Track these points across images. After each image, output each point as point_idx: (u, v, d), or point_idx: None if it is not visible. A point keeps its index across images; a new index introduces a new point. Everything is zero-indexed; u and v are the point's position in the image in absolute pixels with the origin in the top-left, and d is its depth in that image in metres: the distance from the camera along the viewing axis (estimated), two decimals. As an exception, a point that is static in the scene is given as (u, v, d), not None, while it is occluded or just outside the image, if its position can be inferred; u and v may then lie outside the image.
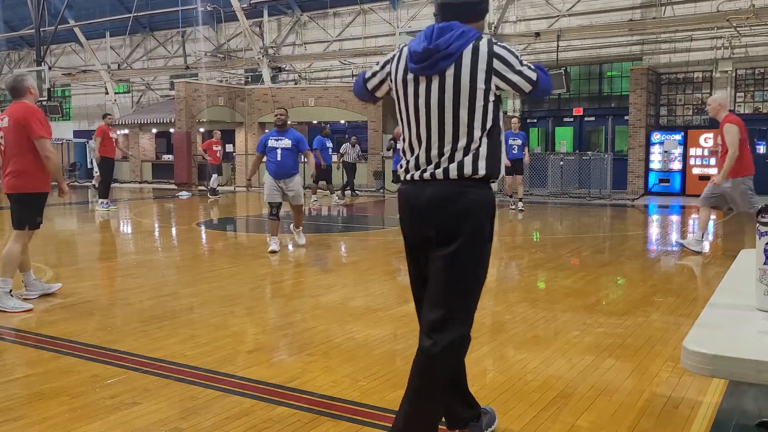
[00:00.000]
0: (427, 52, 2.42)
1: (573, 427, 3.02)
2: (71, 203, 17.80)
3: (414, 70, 2.48)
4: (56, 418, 3.10)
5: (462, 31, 2.42)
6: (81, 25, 26.52)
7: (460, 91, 2.42)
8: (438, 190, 2.48)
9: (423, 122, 2.50)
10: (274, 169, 8.06)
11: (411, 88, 2.51)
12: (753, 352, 2.12)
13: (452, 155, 2.47)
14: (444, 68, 2.41)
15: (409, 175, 2.56)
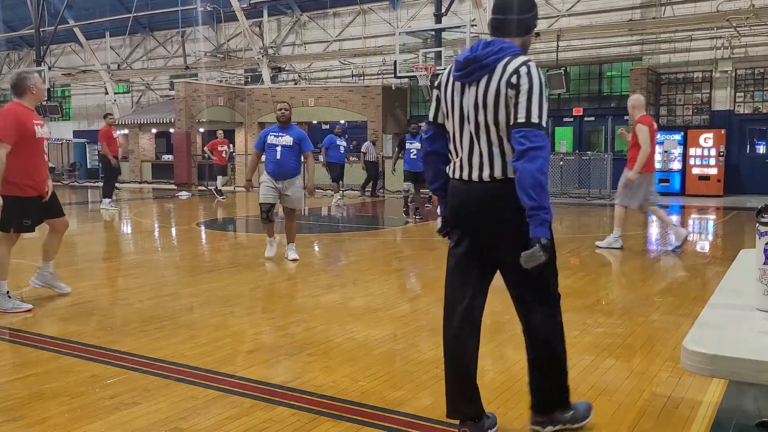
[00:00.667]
0: (467, 61, 2.69)
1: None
2: (71, 203, 17.80)
3: (456, 77, 2.75)
4: (56, 418, 3.10)
5: (501, 47, 2.66)
6: (81, 25, 26.52)
7: (487, 99, 2.64)
8: (478, 190, 2.73)
9: (464, 125, 2.75)
10: (272, 169, 7.33)
11: (456, 94, 2.76)
12: (753, 352, 2.12)
13: (481, 159, 2.71)
14: (479, 77, 2.65)
15: (456, 174, 2.82)
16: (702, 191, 16.89)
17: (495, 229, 2.73)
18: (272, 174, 7.38)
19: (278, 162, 7.32)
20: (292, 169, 7.39)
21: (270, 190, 7.38)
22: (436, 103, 2.91)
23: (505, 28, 2.74)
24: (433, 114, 2.93)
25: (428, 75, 18.24)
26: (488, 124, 2.67)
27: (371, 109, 21.26)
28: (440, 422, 3.05)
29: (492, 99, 2.63)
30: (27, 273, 6.54)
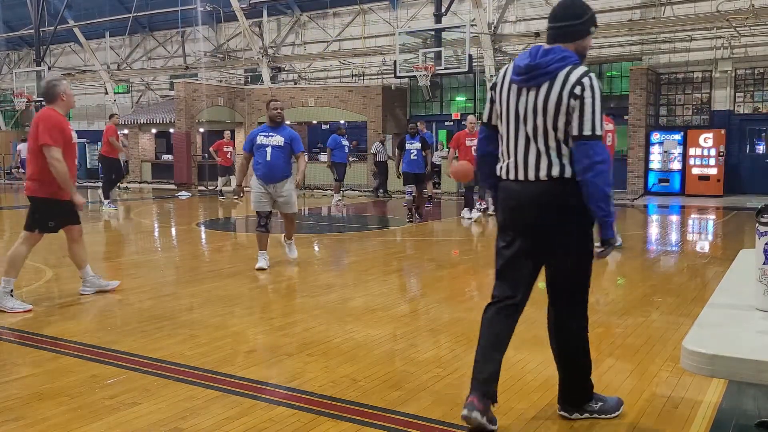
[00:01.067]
0: (529, 68, 2.81)
1: (572, 427, 3.02)
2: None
3: (516, 81, 2.86)
4: (56, 418, 3.10)
5: (563, 55, 2.80)
6: (80, 25, 26.52)
7: (548, 104, 2.78)
8: (533, 190, 2.87)
9: (519, 127, 2.87)
10: (262, 172, 6.85)
11: (513, 96, 2.88)
12: (752, 352, 2.12)
13: (537, 160, 2.84)
14: (540, 83, 2.79)
15: (510, 175, 2.94)
16: (702, 191, 16.89)
17: (547, 227, 2.87)
18: (262, 177, 6.88)
19: (268, 164, 6.84)
20: (283, 171, 6.91)
21: (262, 197, 6.91)
22: (491, 104, 3.02)
23: (562, 36, 2.87)
24: (487, 115, 3.04)
25: (428, 75, 18.24)
26: (547, 127, 2.80)
27: (371, 109, 21.26)
28: (440, 422, 3.06)
29: (553, 105, 2.77)
30: (28, 274, 6.54)
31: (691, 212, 14.05)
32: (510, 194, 2.95)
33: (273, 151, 6.83)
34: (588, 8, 2.91)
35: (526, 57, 2.84)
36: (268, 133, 6.92)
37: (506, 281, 3.06)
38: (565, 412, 3.08)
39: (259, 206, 6.96)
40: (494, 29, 19.71)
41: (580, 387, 3.05)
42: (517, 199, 2.92)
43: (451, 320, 4.95)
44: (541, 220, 2.87)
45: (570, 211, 2.82)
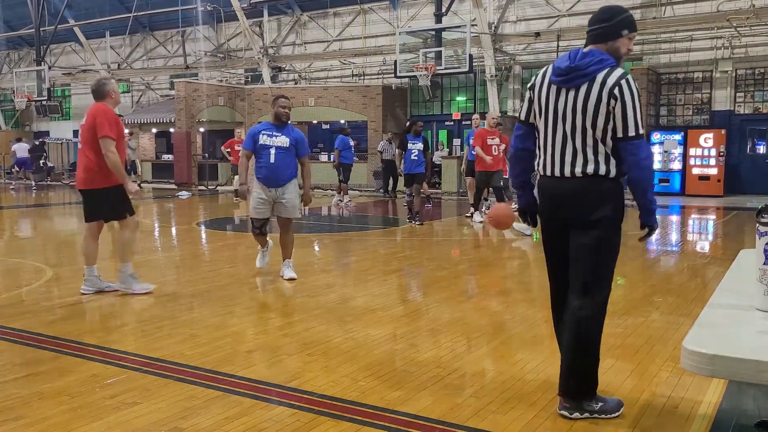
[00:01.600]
0: (569, 69, 2.97)
1: (572, 427, 3.02)
2: (71, 203, 17.80)
3: (556, 82, 3.01)
4: (56, 417, 3.10)
5: (600, 58, 2.95)
6: (81, 25, 26.53)
7: (587, 104, 2.93)
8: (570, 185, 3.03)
9: (557, 125, 3.02)
10: (264, 175, 6.28)
11: (552, 96, 3.03)
12: (752, 352, 2.12)
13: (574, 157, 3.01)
14: (580, 84, 2.94)
15: (547, 171, 3.10)
16: (702, 191, 16.88)
17: (582, 220, 3.02)
18: (264, 181, 6.31)
19: (272, 167, 6.25)
20: (288, 174, 6.33)
21: (262, 203, 6.35)
22: (528, 103, 3.16)
23: (595, 38, 3.02)
24: (525, 113, 3.19)
25: (428, 75, 18.23)
26: (585, 126, 2.96)
27: (371, 109, 21.26)
28: (440, 422, 3.06)
29: (592, 106, 2.92)
30: (28, 273, 6.55)
31: (692, 212, 14.05)
32: (548, 190, 3.11)
33: (277, 153, 6.24)
34: (619, 12, 3.03)
35: (566, 59, 3.00)
36: (273, 132, 6.30)
37: (559, 275, 3.20)
38: (565, 411, 3.08)
39: (258, 212, 6.40)
40: (494, 29, 19.71)
41: (581, 379, 3.07)
42: (554, 194, 3.08)
43: (451, 320, 4.95)
44: (576, 215, 3.03)
45: (603, 207, 2.99)
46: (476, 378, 3.68)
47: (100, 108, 5.53)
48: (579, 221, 3.02)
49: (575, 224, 3.04)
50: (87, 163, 5.54)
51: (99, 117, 5.44)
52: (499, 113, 11.43)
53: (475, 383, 3.59)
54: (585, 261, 3.03)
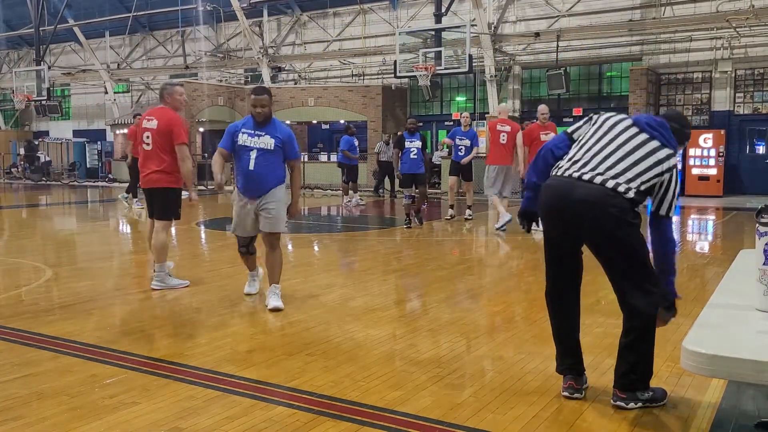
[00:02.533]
0: (649, 120, 3.17)
1: (572, 426, 3.02)
2: (71, 203, 17.80)
3: (633, 121, 3.19)
4: (55, 417, 3.10)
5: (671, 135, 3.17)
6: (80, 25, 26.51)
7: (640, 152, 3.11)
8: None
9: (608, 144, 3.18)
10: (243, 183, 5.20)
11: (617, 126, 3.20)
12: (752, 352, 2.12)
13: None
14: (649, 136, 3.13)
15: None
16: (701, 191, 16.89)
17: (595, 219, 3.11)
18: (243, 190, 5.23)
19: (252, 175, 5.13)
20: (271, 182, 5.18)
21: (244, 216, 5.28)
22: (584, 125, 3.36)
23: (677, 134, 3.24)
24: (573, 129, 3.41)
25: (428, 75, 18.23)
26: (634, 163, 3.09)
27: (371, 109, 21.25)
28: (440, 422, 3.06)
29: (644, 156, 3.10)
30: (28, 273, 6.53)
31: (691, 212, 14.05)
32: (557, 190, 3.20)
33: (259, 157, 5.11)
34: (688, 126, 3.44)
35: None
36: (254, 130, 5.16)
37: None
38: (621, 402, 3.16)
39: (240, 228, 5.34)
40: (494, 29, 19.70)
41: (643, 373, 3.16)
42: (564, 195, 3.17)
43: (451, 320, 4.95)
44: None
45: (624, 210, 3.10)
46: (476, 378, 3.68)
47: (173, 116, 5.89)
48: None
49: (590, 235, 3.17)
50: (160, 164, 5.84)
51: (176, 126, 5.81)
52: (544, 106, 10.19)
53: (475, 383, 3.59)
54: (621, 264, 3.12)
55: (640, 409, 3.15)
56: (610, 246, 3.09)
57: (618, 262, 3.11)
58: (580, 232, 3.15)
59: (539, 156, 3.43)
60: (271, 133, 5.17)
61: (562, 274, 3.33)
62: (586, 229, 3.11)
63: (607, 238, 3.07)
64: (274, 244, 5.30)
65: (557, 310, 3.37)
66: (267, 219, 5.19)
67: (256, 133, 5.16)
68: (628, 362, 3.14)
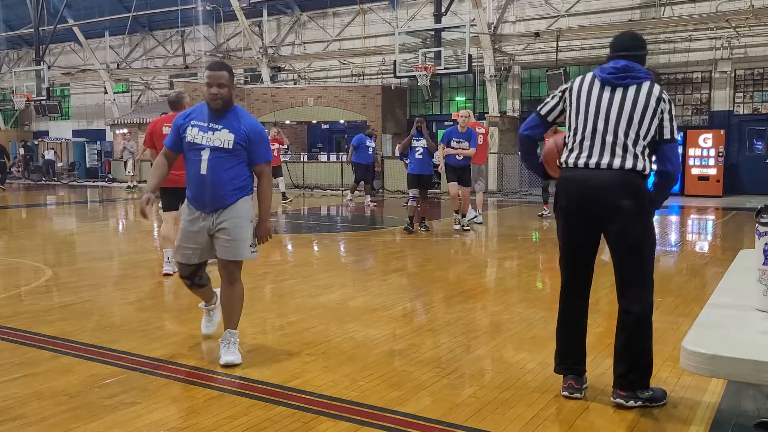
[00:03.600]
0: (625, 68, 3.16)
1: (572, 426, 3.02)
2: (70, 202, 17.80)
3: (606, 79, 3.18)
4: (55, 417, 3.10)
5: (647, 71, 3.22)
6: (80, 25, 26.52)
7: (637, 104, 3.12)
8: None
9: (599, 121, 3.19)
10: (193, 193, 3.90)
11: (595, 94, 3.20)
12: (752, 352, 2.12)
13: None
14: (629, 85, 3.15)
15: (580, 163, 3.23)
16: (701, 191, 16.89)
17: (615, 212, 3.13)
18: (194, 202, 3.92)
19: (203, 182, 3.83)
20: (231, 193, 3.84)
21: (191, 237, 3.91)
22: (558, 102, 3.37)
23: (641, 59, 3.27)
24: (548, 110, 3.42)
25: (428, 75, 18.23)
26: (631, 122, 3.12)
27: (370, 109, 21.25)
28: (439, 422, 3.06)
29: (641, 105, 3.11)
30: (27, 273, 6.52)
31: (691, 212, 14.05)
32: (578, 182, 3.23)
33: (213, 158, 3.82)
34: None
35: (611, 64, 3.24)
36: (207, 123, 3.87)
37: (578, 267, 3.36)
38: (621, 399, 3.17)
39: (184, 254, 3.96)
40: (494, 29, 19.70)
41: (643, 371, 3.18)
42: (586, 186, 3.20)
43: (451, 320, 4.95)
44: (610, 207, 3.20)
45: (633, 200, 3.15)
46: (475, 378, 3.68)
47: None
48: (616, 214, 3.16)
49: (612, 221, 3.17)
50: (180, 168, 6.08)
51: None
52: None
53: (475, 383, 3.59)
54: (630, 259, 3.14)
55: (640, 408, 3.16)
56: (628, 233, 3.11)
57: (633, 251, 3.13)
58: (601, 223, 3.16)
59: (520, 142, 3.58)
60: (231, 126, 3.84)
61: (576, 281, 3.34)
62: (608, 218, 3.12)
63: (627, 224, 3.10)
64: (232, 275, 3.91)
65: (567, 314, 3.37)
66: (224, 243, 3.84)
67: (210, 126, 3.85)
68: (627, 363, 3.15)
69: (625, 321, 3.15)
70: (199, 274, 4.11)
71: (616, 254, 3.18)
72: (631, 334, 3.13)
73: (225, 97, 3.86)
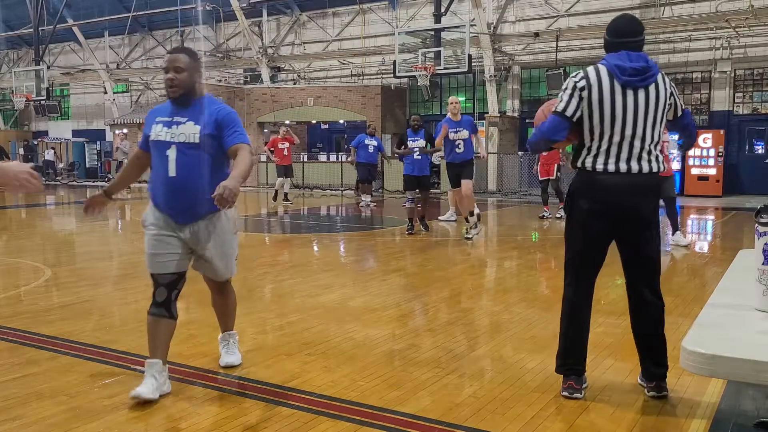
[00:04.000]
0: (645, 68, 3.18)
1: (572, 426, 3.02)
2: (69, 202, 17.79)
3: (629, 82, 3.16)
4: (54, 417, 3.10)
5: (653, 61, 3.27)
6: (80, 25, 26.51)
7: (659, 101, 3.21)
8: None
9: (627, 124, 3.18)
10: (163, 198, 3.35)
11: (619, 97, 3.17)
12: (751, 352, 2.12)
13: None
14: (650, 84, 3.19)
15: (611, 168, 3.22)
16: (701, 191, 16.89)
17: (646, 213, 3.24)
18: (163, 206, 3.36)
19: (173, 186, 3.30)
20: (205, 201, 3.15)
21: (165, 242, 3.33)
22: (579, 101, 3.24)
23: (640, 44, 3.36)
24: (573, 110, 3.26)
25: (427, 75, 18.23)
26: (656, 121, 3.21)
27: (370, 109, 21.26)
28: (439, 422, 3.05)
29: (663, 100, 3.22)
30: (27, 273, 6.51)
31: (691, 212, 14.05)
32: (614, 187, 3.25)
33: (181, 155, 3.30)
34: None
35: (627, 60, 3.23)
36: (171, 117, 3.43)
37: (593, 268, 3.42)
38: (666, 392, 3.31)
39: (156, 263, 3.33)
40: (494, 29, 19.70)
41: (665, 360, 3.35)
42: (622, 192, 3.23)
43: (450, 320, 4.95)
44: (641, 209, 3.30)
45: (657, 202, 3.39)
46: (475, 378, 3.68)
47: None
48: (648, 216, 3.26)
49: (641, 223, 3.25)
50: None
51: None
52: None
53: (474, 383, 3.59)
54: (654, 257, 3.28)
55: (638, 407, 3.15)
56: (654, 231, 3.25)
57: (658, 248, 3.29)
58: (626, 225, 3.23)
59: (536, 143, 3.42)
60: (198, 117, 3.33)
61: (587, 285, 3.38)
62: (638, 219, 3.22)
63: (649, 225, 3.24)
64: (224, 288, 3.71)
65: (574, 318, 3.36)
66: (212, 267, 3.48)
67: (173, 119, 3.36)
68: (663, 353, 3.32)
69: (659, 311, 3.31)
70: (174, 295, 3.35)
71: (643, 253, 3.26)
72: (662, 324, 3.31)
73: (183, 84, 3.33)
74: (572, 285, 3.38)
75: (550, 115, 3.27)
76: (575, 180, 3.34)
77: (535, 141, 3.40)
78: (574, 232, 3.35)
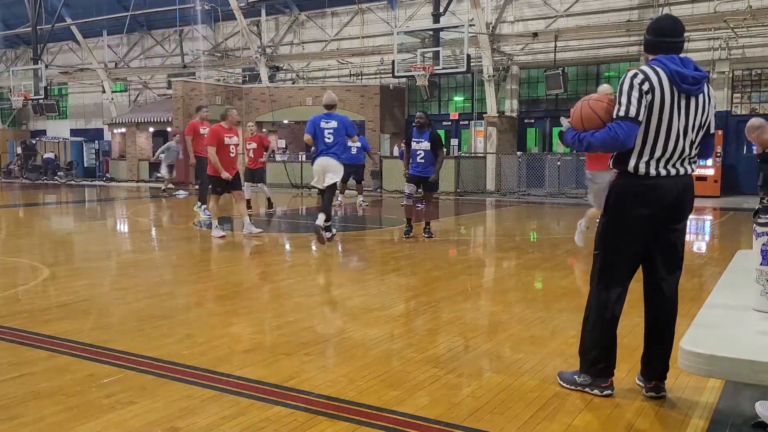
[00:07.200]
0: (702, 77, 3.15)
1: (570, 426, 3.02)
2: (68, 202, 17.77)
3: (690, 91, 3.13)
4: (52, 417, 3.09)
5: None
6: (78, 24, 26.49)
7: (707, 108, 3.23)
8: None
9: (681, 130, 3.17)
10: None
11: (677, 102, 3.13)
12: (749, 353, 2.12)
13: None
14: (701, 92, 3.19)
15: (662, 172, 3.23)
16: (699, 192, 16.68)
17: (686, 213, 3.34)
18: None
19: None
20: None
21: None
22: (649, 104, 3.13)
23: (682, 47, 3.25)
24: (644, 114, 3.15)
25: (426, 75, 18.24)
26: (701, 127, 3.24)
27: (369, 109, 21.26)
28: (438, 422, 3.05)
29: (709, 108, 3.24)
30: (25, 272, 6.49)
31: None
32: (669, 191, 3.26)
33: None
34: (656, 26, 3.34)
35: (681, 65, 3.14)
36: None
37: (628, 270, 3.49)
38: (664, 392, 3.35)
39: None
40: (492, 29, 19.71)
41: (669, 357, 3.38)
42: (673, 194, 3.26)
43: (449, 320, 4.95)
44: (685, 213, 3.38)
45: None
46: (473, 378, 3.68)
47: (213, 127, 9.51)
48: (684, 218, 3.35)
49: (680, 220, 3.32)
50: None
51: (209, 132, 9.45)
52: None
53: (473, 383, 3.59)
54: (681, 252, 3.37)
55: (636, 406, 3.15)
56: (684, 227, 3.35)
57: (680, 247, 3.35)
58: (669, 224, 3.28)
59: (600, 148, 3.20)
60: None
61: (624, 292, 3.43)
62: (677, 219, 3.29)
63: (685, 220, 3.35)
64: None
65: (613, 321, 3.41)
66: None
67: None
68: (670, 350, 3.34)
69: (676, 307, 3.40)
70: None
71: (675, 248, 3.34)
72: (674, 320, 3.40)
73: None
74: (611, 288, 3.38)
75: (620, 121, 3.07)
76: (621, 183, 3.24)
77: (598, 146, 3.18)
78: (620, 235, 3.30)
